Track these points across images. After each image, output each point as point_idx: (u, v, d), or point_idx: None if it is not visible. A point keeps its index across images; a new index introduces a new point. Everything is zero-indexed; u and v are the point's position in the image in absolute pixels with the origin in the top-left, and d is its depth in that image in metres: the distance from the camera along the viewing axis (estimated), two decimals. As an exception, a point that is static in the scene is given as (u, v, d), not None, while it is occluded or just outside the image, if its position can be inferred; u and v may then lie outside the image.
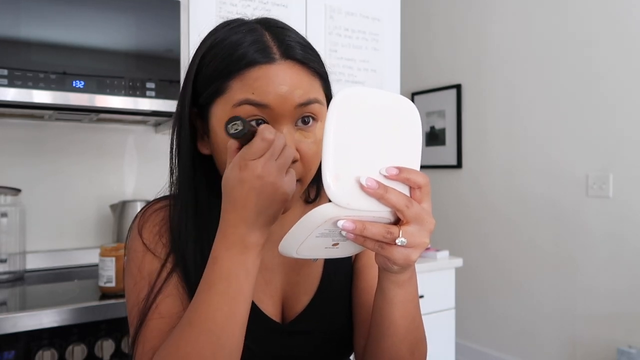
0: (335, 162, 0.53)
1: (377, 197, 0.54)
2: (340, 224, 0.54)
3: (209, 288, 0.59)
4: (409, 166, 0.56)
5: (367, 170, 0.54)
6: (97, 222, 1.79)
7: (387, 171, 0.55)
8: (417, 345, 0.69)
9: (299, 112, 0.65)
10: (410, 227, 0.55)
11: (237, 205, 0.57)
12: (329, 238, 0.58)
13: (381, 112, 0.57)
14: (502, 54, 3.00)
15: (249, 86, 0.63)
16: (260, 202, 0.57)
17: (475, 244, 3.14)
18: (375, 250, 0.56)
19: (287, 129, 0.64)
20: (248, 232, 0.58)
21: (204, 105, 0.68)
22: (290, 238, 0.57)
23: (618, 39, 2.46)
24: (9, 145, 1.65)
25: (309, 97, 0.65)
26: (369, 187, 0.53)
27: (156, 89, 1.47)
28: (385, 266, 0.59)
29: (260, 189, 0.56)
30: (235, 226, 0.58)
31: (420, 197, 0.56)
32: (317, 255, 0.62)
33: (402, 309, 0.64)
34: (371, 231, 0.54)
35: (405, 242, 0.55)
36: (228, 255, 0.58)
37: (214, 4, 1.65)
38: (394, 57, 2.07)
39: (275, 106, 0.63)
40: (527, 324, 2.85)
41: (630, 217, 2.41)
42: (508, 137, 2.96)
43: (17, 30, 1.31)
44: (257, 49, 0.64)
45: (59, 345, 1.17)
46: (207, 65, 0.67)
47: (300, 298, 0.75)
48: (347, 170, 0.53)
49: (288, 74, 0.64)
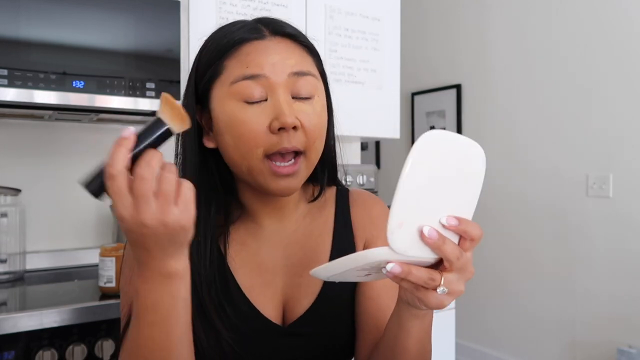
0: (404, 209, 0.51)
1: (434, 248, 0.52)
2: (389, 267, 0.52)
3: (137, 320, 0.57)
4: (465, 215, 0.55)
5: (428, 218, 0.53)
6: (97, 222, 1.79)
7: (448, 221, 0.53)
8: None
9: (294, 81, 0.66)
10: (451, 275, 0.54)
11: (139, 247, 0.52)
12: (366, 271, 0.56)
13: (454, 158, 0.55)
14: (502, 54, 3.00)
15: (242, 61, 0.65)
16: (161, 241, 0.51)
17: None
18: (410, 290, 0.55)
19: (284, 97, 0.65)
20: (161, 264, 0.53)
21: (204, 95, 0.69)
22: (331, 267, 0.56)
23: (618, 39, 2.46)
24: (9, 145, 1.65)
25: (301, 68, 0.66)
26: (429, 238, 0.52)
27: (156, 89, 1.47)
28: (414, 304, 0.58)
29: (154, 232, 0.50)
30: (146, 262, 0.54)
31: (468, 248, 0.55)
32: (345, 280, 0.60)
33: (417, 337, 0.64)
34: (416, 276, 0.53)
35: (446, 291, 0.53)
36: (148, 287, 0.54)
37: (214, 4, 1.65)
38: (394, 57, 2.07)
39: (269, 74, 0.64)
40: (527, 324, 2.85)
41: (630, 217, 2.41)
42: (508, 137, 2.96)
43: (17, 30, 1.31)
44: (247, 29, 0.67)
45: (59, 345, 1.17)
46: (203, 56, 0.69)
47: (302, 301, 0.74)
48: (411, 218, 0.52)
49: (279, 46, 0.66)
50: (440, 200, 0.54)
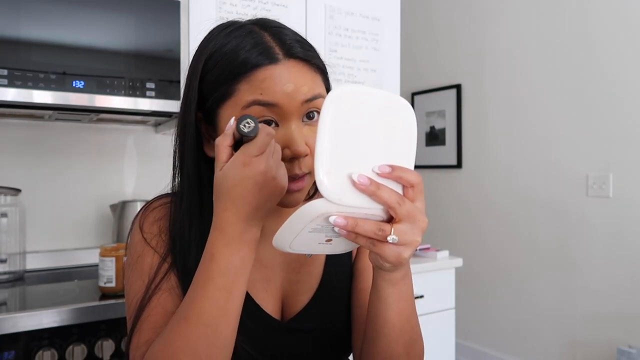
0: (329, 158, 0.53)
1: (368, 194, 0.54)
2: (332, 220, 0.54)
3: (207, 282, 0.59)
4: (403, 165, 0.57)
5: (360, 167, 0.55)
6: (97, 222, 1.79)
7: (380, 169, 0.55)
8: (412, 345, 0.69)
9: (305, 107, 0.66)
10: (402, 225, 0.55)
11: (238, 202, 0.58)
12: (322, 234, 0.58)
13: (377, 111, 0.57)
14: (502, 54, 3.00)
15: (256, 87, 0.64)
16: (262, 197, 0.58)
17: (475, 244, 3.14)
18: (368, 247, 0.57)
19: (295, 125, 0.66)
20: (246, 227, 0.59)
21: (210, 110, 0.68)
22: (283, 232, 0.57)
23: (618, 39, 2.46)
24: (9, 145, 1.65)
25: (313, 93, 0.67)
26: (360, 184, 0.54)
27: (156, 89, 1.47)
28: (377, 264, 0.60)
29: (263, 183, 0.57)
30: (235, 223, 0.59)
31: (413, 196, 0.57)
32: (311, 250, 0.62)
33: (396, 308, 0.65)
34: (363, 228, 0.54)
35: (396, 239, 0.55)
36: (227, 251, 0.59)
37: (214, 4, 1.65)
38: (394, 57, 2.07)
39: (283, 104, 0.64)
40: (527, 324, 2.85)
41: (630, 217, 2.41)
42: (508, 137, 2.96)
43: (17, 30, 1.31)
44: (259, 51, 0.65)
45: (59, 345, 1.17)
46: (211, 71, 0.67)
47: (300, 297, 0.76)
48: (340, 167, 0.54)
49: (292, 72, 0.65)
50: (372, 151, 0.56)
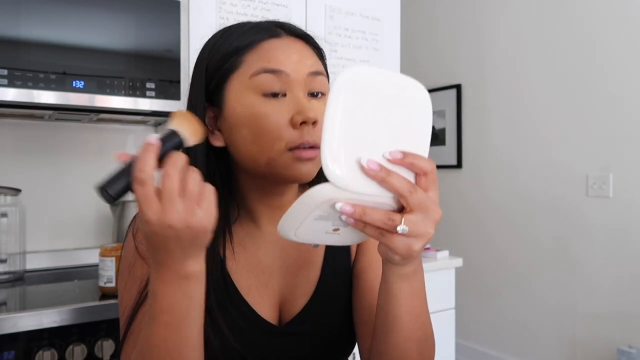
0: (337, 140, 0.49)
1: (378, 180, 0.50)
2: (339, 207, 0.50)
3: (152, 321, 0.56)
4: (415, 152, 0.53)
5: (370, 152, 0.50)
6: (97, 222, 1.79)
7: (391, 154, 0.51)
8: (425, 343, 0.66)
9: (310, 81, 0.67)
10: (413, 215, 0.52)
11: (161, 249, 0.52)
12: (329, 222, 0.54)
13: (391, 94, 0.53)
14: (502, 54, 3.00)
15: (263, 56, 0.66)
16: (183, 243, 0.51)
17: (475, 244, 3.14)
18: (376, 237, 0.53)
19: (302, 95, 0.66)
20: (180, 266, 0.53)
21: (215, 90, 0.69)
22: (287, 218, 0.53)
23: (618, 39, 2.46)
24: (9, 145, 1.65)
25: (317, 68, 0.68)
26: (369, 169, 0.50)
27: (156, 89, 1.47)
28: (386, 256, 0.56)
29: (177, 234, 0.50)
30: (165, 264, 0.53)
31: (425, 185, 0.53)
32: (317, 240, 0.58)
33: (407, 304, 0.61)
34: (371, 216, 0.51)
35: (406, 230, 0.51)
36: (166, 289, 0.54)
37: (214, 4, 1.65)
38: (394, 57, 2.07)
39: (290, 72, 0.66)
40: (527, 324, 2.85)
41: (630, 217, 2.41)
42: (508, 137, 2.96)
43: (17, 30, 1.31)
44: (261, 28, 0.69)
45: (59, 345, 1.17)
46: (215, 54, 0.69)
47: (297, 301, 0.75)
48: (349, 151, 0.49)
49: (296, 46, 0.68)
50: (384, 136, 0.51)
